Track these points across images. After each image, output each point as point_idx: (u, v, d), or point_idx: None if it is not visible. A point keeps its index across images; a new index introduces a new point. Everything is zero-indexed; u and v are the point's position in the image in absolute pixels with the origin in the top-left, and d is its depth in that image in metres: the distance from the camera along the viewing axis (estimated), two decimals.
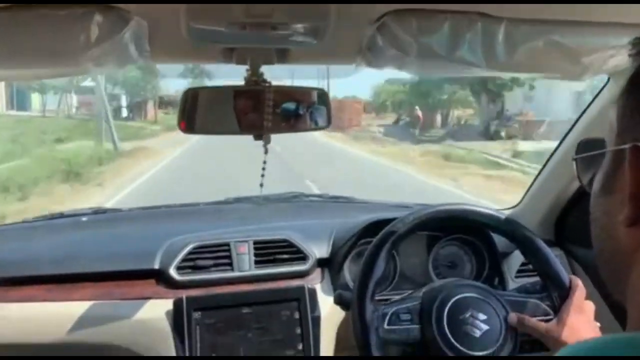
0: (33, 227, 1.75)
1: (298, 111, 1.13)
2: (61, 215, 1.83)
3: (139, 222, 1.87)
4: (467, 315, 1.21)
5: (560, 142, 1.57)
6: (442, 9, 0.88)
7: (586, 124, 1.43)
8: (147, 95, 32.53)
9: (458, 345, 1.17)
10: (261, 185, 1.36)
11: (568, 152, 1.54)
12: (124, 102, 33.04)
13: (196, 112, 1.09)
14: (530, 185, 1.71)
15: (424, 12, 0.89)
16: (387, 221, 1.33)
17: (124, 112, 31.97)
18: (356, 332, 1.22)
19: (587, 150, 0.59)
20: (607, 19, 0.92)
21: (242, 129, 1.11)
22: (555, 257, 1.27)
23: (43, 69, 0.99)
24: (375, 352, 1.18)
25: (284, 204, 1.99)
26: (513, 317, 1.19)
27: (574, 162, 0.61)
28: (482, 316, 1.21)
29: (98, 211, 1.87)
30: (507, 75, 1.10)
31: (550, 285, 1.25)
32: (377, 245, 1.27)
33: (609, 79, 1.32)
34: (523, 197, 1.75)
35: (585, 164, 0.60)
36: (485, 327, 1.19)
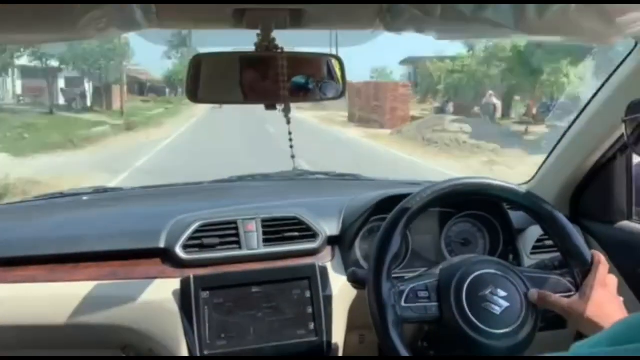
0: (33, 206, 1.70)
1: (308, 84, 1.08)
2: (61, 195, 1.78)
3: (141, 201, 1.82)
4: (487, 292, 1.17)
5: (578, 115, 1.52)
6: None
7: (611, 92, 1.38)
8: (110, 78, 25.06)
9: (478, 323, 1.13)
10: (292, 157, 1.31)
11: (587, 125, 1.49)
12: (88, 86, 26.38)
13: (204, 80, 1.03)
14: (545, 160, 1.66)
15: None
16: (400, 197, 1.28)
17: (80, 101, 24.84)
18: (372, 310, 1.18)
19: (638, 111, 0.55)
20: None
21: (253, 98, 1.06)
22: (577, 233, 1.23)
23: (41, 34, 0.93)
24: (392, 330, 1.14)
25: (289, 181, 1.94)
26: (534, 293, 1.15)
27: (623, 124, 0.57)
28: (502, 293, 1.17)
29: (98, 190, 1.82)
30: (534, 39, 1.04)
31: (572, 260, 1.21)
32: (392, 221, 1.23)
33: (636, 44, 1.26)
34: (537, 172, 1.70)
35: (635, 125, 0.56)
36: (505, 304, 1.15)
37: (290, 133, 1.10)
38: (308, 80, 1.09)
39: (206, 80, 1.04)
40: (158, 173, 8.37)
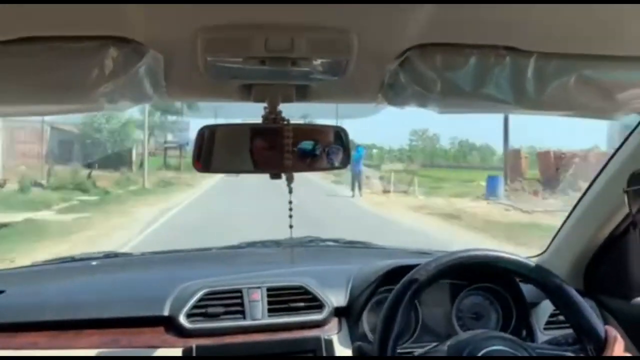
0: (41, 270, 1.71)
1: (315, 151, 1.10)
2: (72, 259, 1.79)
3: (149, 267, 1.81)
4: None
5: (590, 186, 1.51)
6: (469, 43, 0.85)
7: (620, 164, 1.37)
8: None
9: None
10: (290, 226, 1.31)
11: (599, 196, 1.48)
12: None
13: (212, 150, 1.05)
14: (558, 231, 1.64)
15: (450, 46, 0.85)
16: (408, 268, 1.26)
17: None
18: None
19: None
20: None
21: (260, 168, 1.07)
22: (589, 308, 1.19)
23: (54, 105, 0.96)
24: None
25: (299, 248, 1.93)
26: None
27: (625, 195, 0.56)
28: None
29: (109, 255, 1.83)
30: (536, 114, 1.05)
31: (585, 337, 1.16)
32: (398, 295, 1.20)
33: None
34: (550, 244, 1.67)
35: (637, 196, 0.55)
36: None
37: (290, 202, 1.12)
38: (315, 146, 1.11)
39: (218, 150, 1.06)
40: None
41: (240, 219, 9.31)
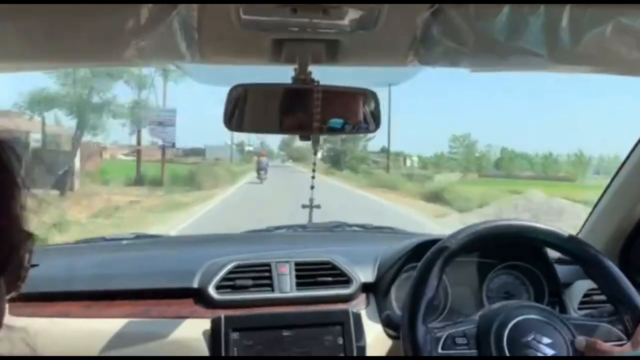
0: (75, 247, 1.74)
1: (344, 114, 1.09)
2: (103, 239, 1.82)
3: (178, 246, 1.83)
4: (530, 338, 1.10)
5: (624, 162, 1.47)
6: None
7: None
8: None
9: None
10: (311, 206, 1.31)
11: (632, 174, 1.44)
12: None
13: (243, 110, 1.06)
14: (591, 212, 1.60)
15: None
16: (437, 242, 1.25)
17: None
18: (407, 355, 1.13)
19: None
20: None
21: (288, 129, 1.08)
22: (626, 278, 1.16)
23: (87, 59, 0.98)
24: None
25: (326, 232, 1.92)
26: (582, 341, 1.08)
27: None
28: (546, 340, 1.10)
29: (139, 236, 1.85)
30: (570, 70, 1.03)
31: (621, 307, 1.13)
32: (428, 261, 1.19)
33: None
34: (584, 224, 1.63)
35: None
36: (550, 351, 1.08)
37: (314, 170, 1.12)
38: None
39: (248, 110, 1.07)
40: None
41: None
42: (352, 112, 1.10)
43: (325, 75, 1.07)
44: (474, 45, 0.91)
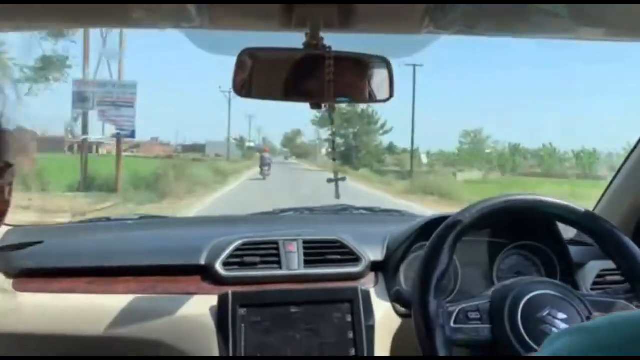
0: (80, 226, 1.72)
1: (357, 81, 1.07)
2: (107, 219, 1.80)
3: (185, 226, 1.81)
4: (545, 313, 1.08)
5: (639, 141, 1.44)
6: None
7: None
8: None
9: (535, 347, 1.03)
10: (337, 179, 1.28)
11: None
12: None
13: (252, 75, 1.04)
14: (607, 188, 1.57)
15: None
16: (448, 218, 1.22)
17: None
18: (419, 330, 1.10)
19: None
20: None
21: (299, 96, 1.05)
22: None
23: (91, 18, 0.96)
24: (442, 353, 1.06)
25: (333, 215, 1.90)
26: (598, 316, 1.05)
27: None
28: (561, 315, 1.07)
29: (144, 217, 1.83)
30: (588, 39, 0.99)
31: (637, 283, 1.11)
32: (440, 235, 1.17)
33: None
34: (599, 201, 1.60)
35: None
36: (565, 327, 1.05)
37: (333, 133, 1.09)
38: (357, 76, 1.08)
39: (254, 75, 1.04)
40: None
41: None
42: (365, 80, 1.08)
43: (338, 44, 1.04)
44: (492, 8, 0.88)
